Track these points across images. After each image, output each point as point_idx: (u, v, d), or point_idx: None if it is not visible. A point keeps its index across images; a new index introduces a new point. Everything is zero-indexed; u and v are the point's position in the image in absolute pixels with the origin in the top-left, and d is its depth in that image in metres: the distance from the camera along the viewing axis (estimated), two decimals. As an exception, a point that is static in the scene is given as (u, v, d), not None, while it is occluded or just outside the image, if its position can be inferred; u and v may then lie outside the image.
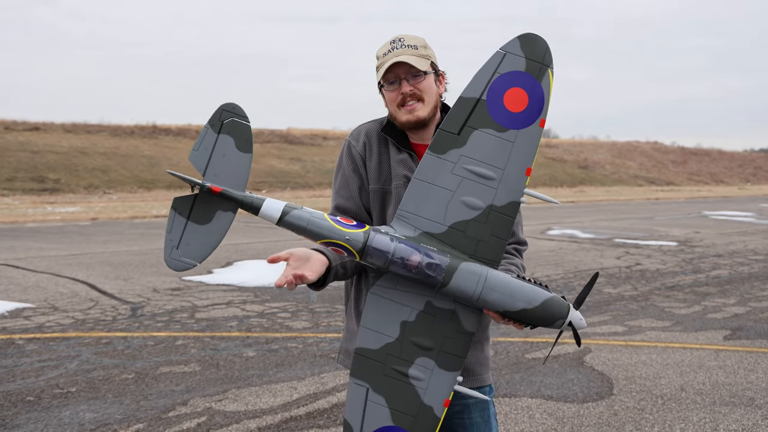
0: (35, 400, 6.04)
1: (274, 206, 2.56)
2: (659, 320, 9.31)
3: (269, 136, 55.32)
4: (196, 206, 2.52)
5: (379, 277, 2.61)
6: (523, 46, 2.58)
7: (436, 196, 2.60)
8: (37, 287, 11.02)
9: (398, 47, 2.86)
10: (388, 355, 2.61)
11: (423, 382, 2.61)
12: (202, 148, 2.50)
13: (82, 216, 24.90)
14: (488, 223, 2.60)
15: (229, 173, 2.51)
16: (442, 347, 2.61)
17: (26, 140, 42.44)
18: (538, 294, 2.61)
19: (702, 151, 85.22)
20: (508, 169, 2.59)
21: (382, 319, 2.61)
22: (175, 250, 2.53)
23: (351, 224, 2.57)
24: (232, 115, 2.51)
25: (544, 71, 2.59)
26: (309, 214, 2.56)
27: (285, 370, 6.93)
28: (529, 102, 2.59)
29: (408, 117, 2.87)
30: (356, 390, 2.62)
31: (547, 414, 5.92)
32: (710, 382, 6.78)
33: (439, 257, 2.55)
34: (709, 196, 49.67)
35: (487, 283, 2.56)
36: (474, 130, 2.60)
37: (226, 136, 2.50)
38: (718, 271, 13.52)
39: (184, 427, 5.51)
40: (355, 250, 2.54)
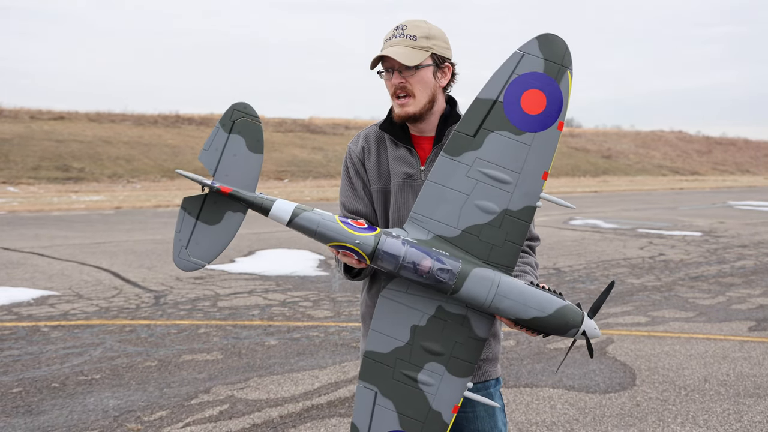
0: (60, 386, 6.10)
1: (285, 207, 2.53)
2: (683, 311, 9.25)
3: (291, 125, 55.40)
4: (205, 206, 2.51)
5: (390, 281, 2.58)
6: (542, 46, 2.52)
7: (450, 199, 2.55)
8: (62, 275, 11.11)
9: (398, 36, 2.79)
10: (397, 359, 2.58)
11: (432, 387, 2.58)
12: (213, 147, 2.49)
13: (105, 205, 25.06)
14: (503, 227, 2.55)
15: (240, 173, 2.49)
16: (453, 353, 2.58)
17: (51, 129, 42.74)
18: (551, 302, 2.56)
19: (727, 140, 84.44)
20: (524, 172, 2.54)
21: (393, 322, 2.58)
22: (183, 249, 2.51)
23: (362, 227, 2.54)
24: (244, 115, 2.49)
25: (563, 73, 2.52)
26: (319, 217, 2.53)
27: (306, 359, 6.95)
28: (547, 104, 2.53)
29: (398, 111, 2.83)
30: (364, 393, 2.59)
31: (569, 404, 5.90)
32: (734, 373, 6.73)
33: (451, 262, 2.51)
34: (735, 185, 49.25)
35: (500, 289, 2.52)
36: (490, 133, 2.54)
37: (237, 136, 2.49)
38: (743, 262, 13.41)
39: (207, 415, 5.54)
40: (365, 254, 2.51)
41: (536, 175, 2.54)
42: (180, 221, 2.51)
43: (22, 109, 46.12)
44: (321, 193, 33.21)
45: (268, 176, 44.38)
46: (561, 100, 2.53)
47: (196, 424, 5.36)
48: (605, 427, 5.44)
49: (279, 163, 45.72)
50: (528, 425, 5.45)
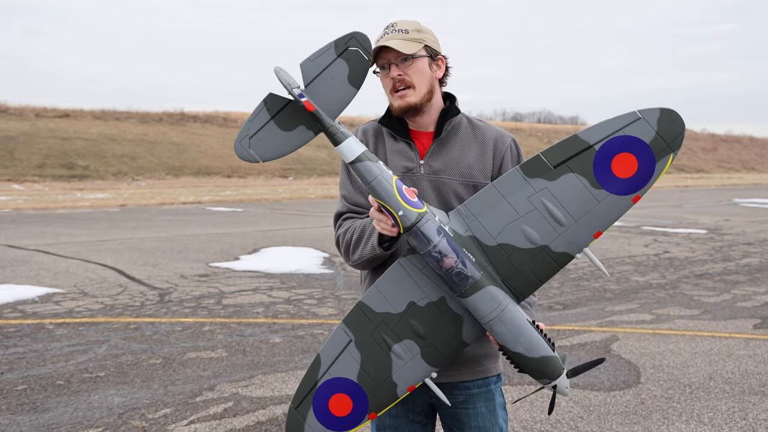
0: (65, 384, 6.11)
1: (353, 148, 2.52)
2: (688, 308, 9.24)
3: (296, 123, 55.43)
4: (284, 110, 2.49)
5: (413, 253, 2.60)
6: (661, 119, 2.44)
7: (503, 210, 2.54)
8: (67, 273, 11.13)
9: (389, 32, 2.80)
10: (383, 323, 2.62)
11: (401, 361, 2.62)
12: (317, 62, 2.45)
13: (110, 202, 25.10)
14: (535, 260, 2.54)
15: (330, 97, 2.47)
16: (433, 341, 2.61)
17: (56, 127, 42.83)
18: (540, 348, 2.58)
19: (733, 137, 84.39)
20: (580, 222, 2.51)
21: (395, 290, 2.61)
22: (247, 138, 2.49)
23: (412, 200, 2.52)
24: (359, 46, 2.46)
25: (667, 153, 2.46)
26: (379, 172, 2.51)
27: (311, 357, 6.95)
28: (636, 174, 2.47)
29: (399, 103, 2.82)
30: (340, 335, 2.65)
31: (574, 402, 5.89)
32: (739, 371, 6.72)
33: (472, 270, 2.52)
34: (740, 183, 49.19)
35: (502, 315, 2.53)
36: (570, 172, 2.50)
37: (343, 62, 2.46)
38: (748, 260, 13.39)
39: (211, 412, 5.55)
40: (402, 226, 2.51)
41: (590, 231, 2.53)
42: (256, 112, 2.48)
43: (27, 107, 46.23)
44: (325, 191, 33.22)
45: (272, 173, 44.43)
46: (650, 176, 2.49)
47: (200, 422, 5.37)
48: (610, 424, 5.43)
49: (283, 160, 45.75)
50: (532, 423, 5.45)
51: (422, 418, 2.96)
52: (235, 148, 2.51)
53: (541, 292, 10.01)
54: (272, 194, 32.10)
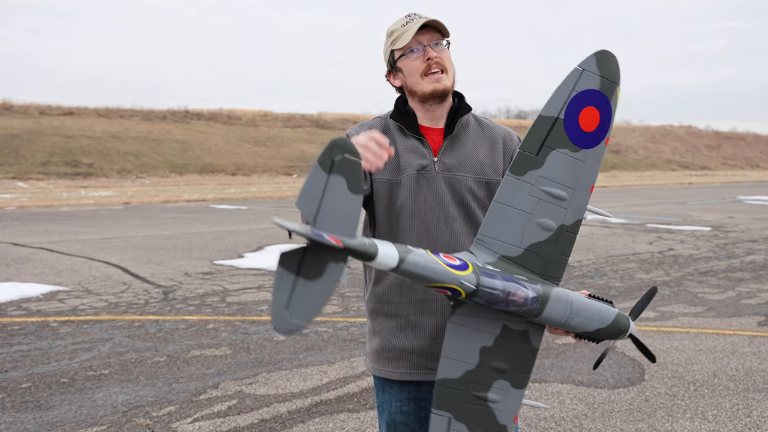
0: (69, 381, 6.12)
1: (390, 253, 2.33)
2: (692, 306, 9.23)
3: (300, 121, 55.49)
4: (306, 260, 2.21)
5: (459, 306, 2.55)
6: (599, 63, 2.54)
7: (514, 218, 2.56)
8: (71, 270, 11.14)
9: (415, 19, 2.77)
10: (468, 382, 2.59)
11: (499, 404, 2.61)
12: (312, 192, 2.18)
13: (114, 200, 25.13)
14: (558, 242, 2.59)
15: (340, 218, 2.21)
16: (516, 367, 2.61)
17: (60, 125, 42.88)
18: (609, 313, 2.64)
19: (737, 135, 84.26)
20: (578, 188, 2.58)
21: (463, 347, 2.58)
22: (284, 311, 2.21)
23: (457, 264, 2.45)
24: (344, 152, 2.19)
25: (614, 89, 2.56)
26: (423, 259, 2.39)
27: (315, 354, 6.96)
28: (600, 121, 2.56)
29: (435, 86, 2.77)
30: (439, 421, 2.59)
31: (578, 399, 5.89)
32: (744, 368, 6.71)
33: (534, 288, 2.53)
34: (744, 180, 49.13)
35: (573, 308, 2.57)
36: (551, 151, 2.55)
37: (337, 177, 2.18)
38: (752, 257, 13.37)
39: (215, 410, 5.55)
40: (465, 292, 2.44)
41: (586, 190, 2.60)
42: (278, 279, 2.21)
43: (31, 105, 46.29)
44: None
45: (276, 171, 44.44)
46: (611, 117, 2.58)
47: (204, 420, 5.37)
48: (614, 422, 5.43)
49: (288, 158, 45.78)
50: (536, 420, 5.45)
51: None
52: (276, 328, 2.23)
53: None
54: (276, 192, 32.11)
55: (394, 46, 2.81)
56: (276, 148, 48.00)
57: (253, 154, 45.99)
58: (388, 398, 2.93)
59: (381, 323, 2.92)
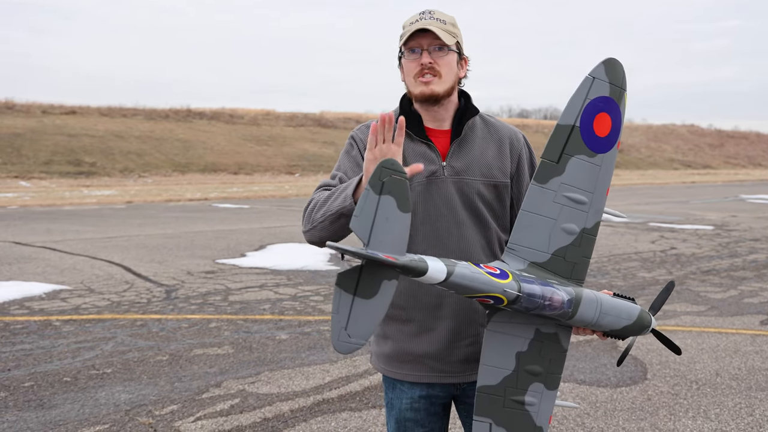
0: (72, 380, 6.12)
1: (438, 267, 2.39)
2: (694, 305, 9.23)
3: (303, 120, 55.50)
4: (362, 280, 2.31)
5: (494, 314, 2.60)
6: (608, 71, 2.66)
7: (540, 225, 2.65)
8: (74, 269, 11.15)
9: (427, 18, 2.77)
10: (507, 388, 2.66)
11: (535, 406, 2.68)
12: (365, 214, 2.27)
13: (117, 199, 25.15)
14: (581, 246, 2.68)
15: (393, 237, 2.30)
16: (549, 369, 2.68)
17: (63, 124, 42.91)
18: (633, 309, 2.72)
19: (739, 133, 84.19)
20: (596, 192, 2.69)
21: (500, 353, 2.64)
22: (343, 331, 2.30)
23: (497, 273, 2.51)
24: (392, 172, 2.28)
25: (622, 95, 2.68)
26: (469, 271, 2.45)
27: (317, 353, 6.96)
28: (612, 126, 2.68)
29: (422, 89, 2.78)
30: (480, 427, 2.67)
31: (580, 398, 5.89)
32: (746, 367, 6.71)
33: (567, 290, 2.61)
34: (747, 179, 49.07)
35: (602, 308, 2.65)
36: (571, 157, 2.66)
37: (388, 197, 2.27)
38: (755, 255, 13.36)
39: (218, 409, 5.56)
40: (508, 299, 2.51)
41: (603, 192, 2.71)
42: (336, 301, 2.31)
43: (34, 104, 46.33)
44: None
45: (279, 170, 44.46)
46: (621, 121, 2.71)
47: (207, 418, 5.37)
48: (616, 421, 5.43)
49: (290, 157, 45.79)
50: (539, 419, 5.44)
51: (441, 410, 2.97)
52: (336, 347, 2.32)
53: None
54: (279, 191, 32.10)
55: (401, 42, 2.82)
56: (278, 147, 48.00)
57: (255, 153, 46.00)
58: (398, 395, 2.94)
59: (392, 328, 2.91)
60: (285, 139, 49.86)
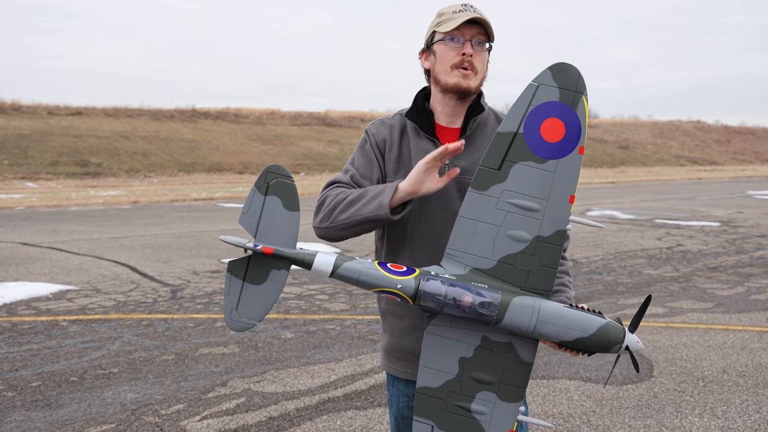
0: (78, 380, 6.13)
1: (326, 261, 2.56)
2: (701, 302, 9.21)
3: (307, 119, 55.46)
4: (250, 267, 2.56)
5: (433, 317, 2.60)
6: (555, 76, 2.57)
7: (483, 231, 2.59)
8: (80, 270, 11.17)
9: (471, 10, 2.74)
10: (449, 392, 2.60)
11: (486, 416, 2.60)
12: (251, 211, 2.55)
13: (123, 199, 25.18)
14: (536, 254, 2.59)
15: (280, 232, 2.54)
16: (502, 380, 2.61)
17: (69, 125, 42.97)
18: (592, 322, 2.59)
19: (746, 129, 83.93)
20: (551, 199, 2.58)
21: (441, 357, 2.60)
22: (234, 311, 2.56)
23: (401, 271, 2.56)
24: (277, 176, 2.55)
25: (579, 99, 2.57)
26: (360, 265, 2.55)
27: (323, 352, 6.96)
28: (566, 131, 2.57)
29: (459, 81, 2.76)
30: (421, 428, 2.62)
31: (586, 396, 5.88)
32: (753, 364, 6.69)
33: (491, 294, 2.53)
34: (754, 175, 48.93)
35: (541, 315, 2.54)
36: (514, 164, 2.58)
37: (274, 197, 2.55)
38: (762, 252, 13.33)
39: (223, 408, 5.56)
40: (408, 297, 2.53)
41: (563, 200, 2.60)
42: (228, 284, 2.57)
43: (40, 105, 46.38)
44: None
45: (284, 170, 44.28)
46: (579, 125, 2.58)
47: (212, 417, 5.38)
48: (622, 418, 5.42)
49: (295, 156, 45.78)
50: (545, 417, 5.44)
51: None
52: (228, 325, 2.57)
53: (554, 286, 9.97)
54: (284, 190, 32.09)
55: (438, 28, 2.78)
56: (283, 147, 48.01)
57: (260, 152, 46.02)
58: (396, 393, 2.97)
59: (390, 323, 2.95)
60: (290, 138, 49.85)
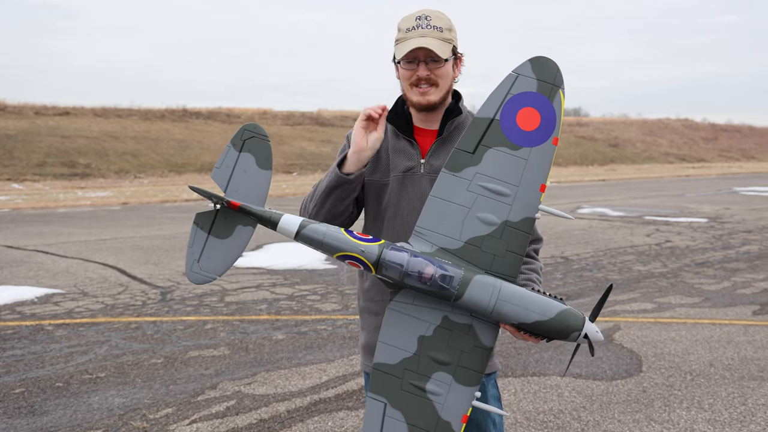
0: (64, 386, 6.10)
1: (292, 221, 2.62)
2: (689, 297, 9.24)
3: (300, 119, 55.40)
4: (217, 221, 2.61)
5: (397, 293, 2.62)
6: (534, 68, 2.64)
7: (453, 212, 2.63)
8: (67, 273, 11.12)
9: (423, 26, 2.79)
10: (405, 370, 2.61)
11: (441, 397, 2.60)
12: (224, 165, 2.61)
13: (112, 201, 25.08)
14: (503, 238, 2.62)
15: (250, 189, 2.61)
16: (460, 362, 2.61)
17: (57, 125, 42.75)
18: (552, 306, 2.60)
19: (733, 127, 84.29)
20: (522, 185, 2.63)
21: (400, 334, 2.62)
22: (196, 263, 2.61)
23: (366, 238, 2.61)
24: (254, 135, 2.63)
25: (556, 91, 2.63)
26: (325, 228, 2.61)
27: (314, 353, 6.95)
28: (542, 121, 2.63)
29: (419, 99, 2.84)
30: (374, 405, 2.62)
31: (576, 392, 5.89)
32: (739, 357, 6.72)
33: (453, 269, 2.56)
34: (740, 172, 49.13)
35: (501, 294, 2.56)
36: (488, 149, 2.64)
37: (248, 154, 2.62)
38: (748, 247, 13.40)
39: (213, 411, 5.54)
40: (370, 263, 2.57)
41: (534, 188, 2.64)
42: (192, 236, 2.62)
43: (26, 105, 46.10)
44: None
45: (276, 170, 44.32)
46: (554, 117, 2.64)
47: (202, 421, 5.36)
48: (612, 413, 5.43)
49: (287, 156, 45.72)
50: (535, 413, 5.45)
51: None
52: (188, 277, 2.61)
53: (544, 283, 9.97)
54: (276, 190, 32.06)
55: (395, 49, 2.86)
56: (275, 146, 47.89)
57: (250, 152, 45.84)
58: None
59: (367, 320, 2.99)
60: (282, 138, 49.74)
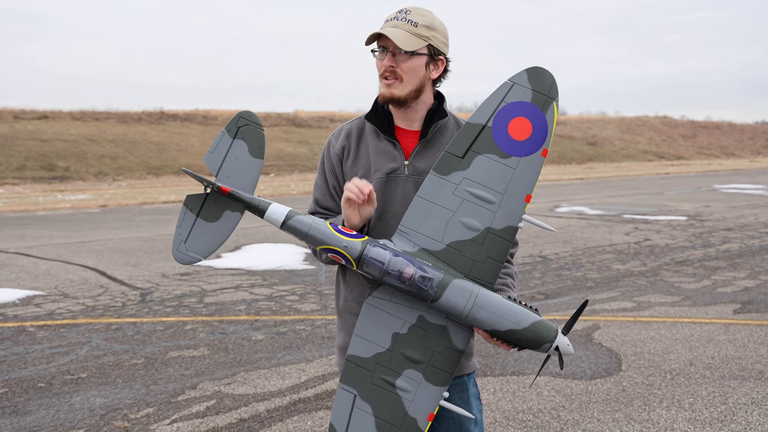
0: (46, 386, 6.08)
1: (279, 210, 2.67)
2: (668, 295, 9.30)
3: (276, 120, 55.25)
4: (206, 205, 2.68)
5: (375, 288, 2.66)
6: (530, 78, 2.65)
7: (437, 214, 2.66)
8: (48, 275, 11.06)
9: (400, 18, 2.78)
10: (377, 365, 2.66)
11: (409, 393, 2.65)
12: (217, 150, 2.67)
13: (91, 203, 24.97)
14: (485, 244, 2.65)
15: (240, 176, 2.67)
16: (431, 362, 2.66)
17: (35, 129, 42.52)
18: (526, 316, 2.64)
19: (712, 124, 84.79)
20: (508, 194, 2.65)
21: (375, 328, 2.66)
22: (182, 244, 2.66)
23: (350, 233, 2.64)
24: (248, 123, 2.68)
25: (549, 103, 2.65)
26: (311, 220, 2.65)
27: (293, 353, 6.95)
28: (533, 131, 2.65)
29: (383, 91, 2.83)
30: (344, 395, 2.66)
31: (555, 391, 5.92)
32: (719, 356, 6.77)
33: (433, 272, 2.60)
34: (720, 169, 49.42)
35: (478, 300, 2.60)
36: (478, 155, 2.66)
37: (241, 141, 2.67)
38: (728, 245, 13.47)
39: (194, 411, 5.54)
40: (352, 258, 2.61)
41: (519, 197, 2.67)
42: (181, 217, 2.68)
43: (5, 109, 45.83)
44: (307, 187, 33.11)
45: (254, 171, 44.13)
46: (546, 128, 2.66)
47: (183, 421, 5.36)
48: (591, 413, 5.47)
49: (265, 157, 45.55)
50: (514, 413, 5.47)
51: None
52: (174, 256, 2.67)
53: (522, 283, 10.04)
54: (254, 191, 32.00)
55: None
56: (253, 148, 47.78)
57: (230, 153, 45.75)
58: None
59: (346, 320, 2.99)
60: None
